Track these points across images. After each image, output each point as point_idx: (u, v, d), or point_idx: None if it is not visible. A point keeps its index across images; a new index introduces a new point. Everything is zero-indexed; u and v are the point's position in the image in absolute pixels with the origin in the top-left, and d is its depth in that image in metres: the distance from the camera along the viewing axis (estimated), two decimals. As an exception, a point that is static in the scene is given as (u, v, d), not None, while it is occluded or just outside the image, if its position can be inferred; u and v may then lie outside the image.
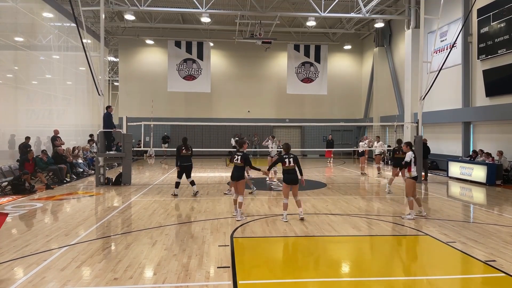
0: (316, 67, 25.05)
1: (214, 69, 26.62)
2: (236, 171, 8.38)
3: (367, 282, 5.00)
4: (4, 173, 12.67)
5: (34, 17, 17.11)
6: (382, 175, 16.67)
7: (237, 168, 8.41)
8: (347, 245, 6.78)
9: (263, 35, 20.58)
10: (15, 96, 16.34)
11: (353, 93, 29.43)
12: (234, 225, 7.77)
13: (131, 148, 13.97)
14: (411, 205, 8.34)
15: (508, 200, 11.11)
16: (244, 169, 8.51)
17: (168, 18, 25.32)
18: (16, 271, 5.24)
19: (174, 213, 8.89)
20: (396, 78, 23.88)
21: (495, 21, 15.31)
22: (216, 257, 5.84)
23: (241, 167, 8.40)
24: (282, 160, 8.08)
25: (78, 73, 21.47)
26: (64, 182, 13.69)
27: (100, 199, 10.89)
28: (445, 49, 18.21)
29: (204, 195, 11.45)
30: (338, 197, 11.12)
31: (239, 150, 8.69)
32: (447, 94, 18.57)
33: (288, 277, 5.14)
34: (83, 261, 5.59)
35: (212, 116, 27.93)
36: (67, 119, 20.03)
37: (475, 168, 14.38)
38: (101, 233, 7.22)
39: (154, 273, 5.17)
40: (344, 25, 25.43)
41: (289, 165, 7.97)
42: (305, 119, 28.06)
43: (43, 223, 7.99)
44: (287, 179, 8.01)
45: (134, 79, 27.72)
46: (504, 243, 6.60)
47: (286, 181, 8.03)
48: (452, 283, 5.08)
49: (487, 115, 15.92)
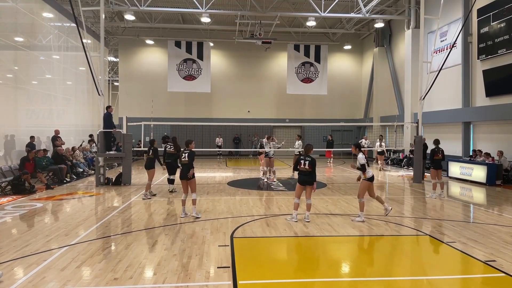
0: (316, 67, 25.05)
1: (214, 69, 26.62)
2: (186, 169, 8.22)
3: (367, 282, 5.00)
4: (4, 173, 12.67)
5: (34, 17, 17.10)
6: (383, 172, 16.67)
7: (186, 166, 8.25)
8: (347, 245, 6.78)
9: (263, 35, 20.58)
10: (15, 96, 16.34)
11: (353, 93, 29.43)
12: (234, 225, 7.77)
13: (131, 148, 13.98)
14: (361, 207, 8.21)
15: (508, 200, 11.11)
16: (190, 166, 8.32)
17: (168, 18, 25.32)
18: (16, 271, 5.24)
19: (174, 213, 8.89)
20: (396, 78, 23.88)
21: (495, 21, 15.31)
22: (216, 257, 5.84)
23: (189, 165, 8.25)
24: (299, 161, 8.12)
25: (78, 73, 21.47)
26: (64, 182, 13.69)
27: (100, 199, 10.89)
28: (445, 49, 18.22)
29: (204, 195, 11.45)
30: (338, 197, 11.12)
31: (186, 149, 8.47)
32: (447, 94, 18.57)
33: (288, 277, 5.15)
34: (83, 261, 5.59)
35: (212, 116, 27.93)
36: (67, 119, 20.02)
37: (475, 168, 14.38)
38: (101, 233, 7.22)
39: (154, 273, 5.17)
40: (344, 25, 25.44)
41: (304, 167, 7.97)
42: (305, 119, 28.06)
43: (43, 223, 7.99)
44: (300, 180, 8.07)
45: (134, 79, 27.72)
46: (504, 243, 6.60)
47: (300, 182, 8.08)
48: (452, 283, 5.08)
49: (487, 115, 15.92)
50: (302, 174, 8.02)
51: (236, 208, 9.48)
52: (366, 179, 8.12)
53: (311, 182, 7.99)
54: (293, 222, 7.96)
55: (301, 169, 8.01)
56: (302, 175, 8.02)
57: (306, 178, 7.97)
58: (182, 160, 8.35)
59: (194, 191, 8.38)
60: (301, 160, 8.02)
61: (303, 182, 8.00)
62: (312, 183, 8.00)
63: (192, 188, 8.34)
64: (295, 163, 8.37)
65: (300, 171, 8.05)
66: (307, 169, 7.93)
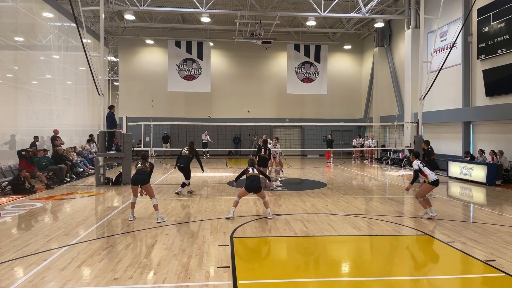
0: (316, 67, 25.06)
1: (214, 69, 26.63)
2: (142, 174, 8.07)
3: (367, 282, 5.00)
4: (4, 173, 12.67)
5: (34, 17, 17.10)
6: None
7: (142, 172, 8.12)
8: (347, 245, 6.78)
9: (263, 35, 20.57)
10: (15, 96, 16.34)
11: (353, 93, 29.42)
12: (234, 225, 7.77)
13: (131, 148, 13.98)
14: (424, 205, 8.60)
15: (508, 200, 11.10)
16: (149, 174, 8.23)
17: (168, 18, 25.32)
18: (16, 271, 5.24)
19: (174, 213, 8.89)
20: (396, 78, 23.88)
21: (495, 21, 15.31)
22: (216, 257, 5.84)
23: (147, 171, 8.17)
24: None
25: (78, 73, 21.46)
26: (64, 182, 13.69)
27: (100, 199, 10.89)
28: (445, 49, 18.22)
29: (204, 195, 11.45)
30: (338, 197, 11.12)
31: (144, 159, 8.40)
32: (447, 94, 18.57)
33: (288, 277, 5.14)
34: (83, 261, 5.59)
35: (212, 116, 27.94)
36: (67, 119, 20.02)
37: (475, 168, 14.38)
38: (101, 233, 7.22)
39: (154, 273, 5.17)
40: (344, 25, 25.43)
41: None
42: (305, 119, 28.05)
43: (43, 223, 7.99)
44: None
45: (134, 79, 27.71)
46: (504, 243, 6.60)
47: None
48: (452, 283, 5.08)
49: (487, 115, 15.91)
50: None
51: (236, 208, 9.47)
52: (430, 182, 8.35)
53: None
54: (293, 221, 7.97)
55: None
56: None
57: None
58: (137, 167, 8.19)
59: (153, 196, 8.12)
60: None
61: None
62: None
63: (149, 194, 8.12)
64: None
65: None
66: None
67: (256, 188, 8.26)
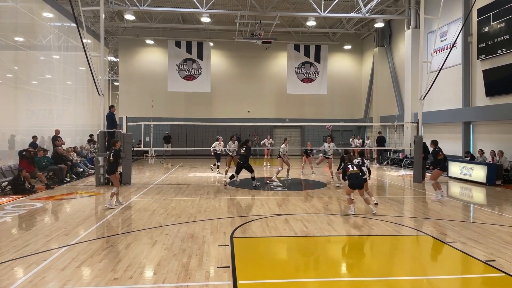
0: (316, 67, 25.06)
1: (214, 69, 26.62)
2: (110, 166, 9.62)
3: (367, 282, 5.00)
4: (4, 173, 12.67)
5: (34, 17, 17.10)
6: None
7: (111, 165, 9.60)
8: (347, 245, 6.78)
9: (263, 35, 20.58)
10: (15, 96, 16.34)
11: (353, 93, 29.42)
12: (234, 225, 7.77)
13: (131, 148, 13.97)
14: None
15: (508, 200, 11.10)
16: (116, 164, 9.61)
17: (168, 18, 25.32)
18: (16, 271, 5.24)
19: (174, 213, 8.89)
20: (396, 78, 23.88)
21: (495, 21, 15.31)
22: (216, 257, 5.83)
23: (113, 162, 9.54)
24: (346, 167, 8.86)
25: (78, 73, 21.47)
26: (64, 182, 13.69)
27: (100, 199, 10.88)
28: (445, 49, 18.22)
29: (204, 195, 11.46)
30: (338, 197, 11.12)
31: (113, 148, 9.66)
32: (447, 94, 18.57)
33: (288, 277, 5.14)
34: (83, 261, 5.59)
35: (212, 116, 27.93)
36: (67, 119, 20.02)
37: (475, 168, 14.38)
38: (101, 233, 7.22)
39: (154, 273, 5.17)
40: (344, 25, 25.43)
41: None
42: (305, 119, 28.05)
43: (43, 223, 7.99)
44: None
45: (134, 79, 27.72)
46: (504, 243, 6.60)
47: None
48: (452, 283, 5.08)
49: (487, 115, 15.91)
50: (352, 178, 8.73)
51: (236, 208, 9.49)
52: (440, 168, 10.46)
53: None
54: (295, 221, 7.97)
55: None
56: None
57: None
58: (108, 159, 9.57)
59: (116, 186, 9.60)
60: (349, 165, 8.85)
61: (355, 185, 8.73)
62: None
63: (114, 183, 9.60)
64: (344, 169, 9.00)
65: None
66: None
67: (360, 185, 8.67)
